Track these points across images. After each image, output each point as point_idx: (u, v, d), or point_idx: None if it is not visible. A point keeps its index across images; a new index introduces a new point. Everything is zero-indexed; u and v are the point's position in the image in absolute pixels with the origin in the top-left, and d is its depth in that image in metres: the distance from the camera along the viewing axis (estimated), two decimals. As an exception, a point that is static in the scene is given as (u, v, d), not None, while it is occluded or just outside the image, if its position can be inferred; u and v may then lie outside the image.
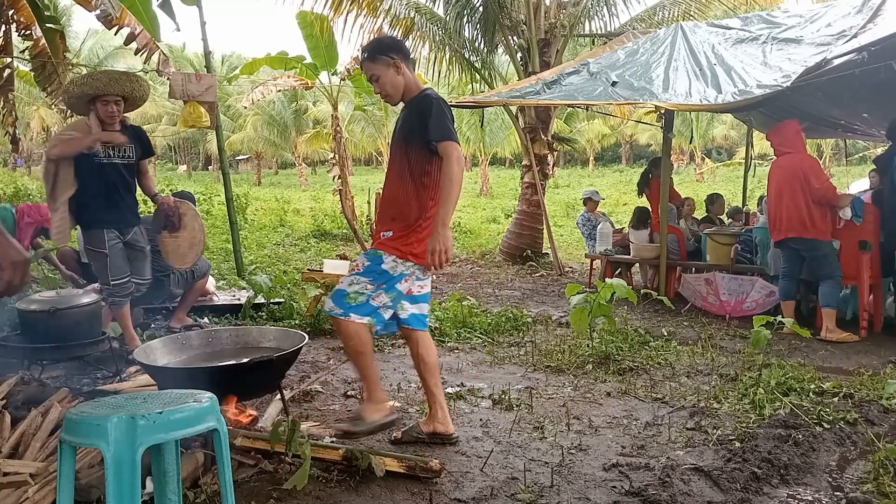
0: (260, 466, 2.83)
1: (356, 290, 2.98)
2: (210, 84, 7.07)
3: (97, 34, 29.00)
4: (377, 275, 3.00)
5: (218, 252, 10.27)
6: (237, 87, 31.88)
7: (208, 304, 6.06)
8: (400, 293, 3.06)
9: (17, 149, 9.01)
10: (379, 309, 3.03)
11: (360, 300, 2.98)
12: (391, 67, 3.03)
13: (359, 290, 2.99)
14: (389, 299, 3.04)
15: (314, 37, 12.28)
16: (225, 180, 8.00)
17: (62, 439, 1.87)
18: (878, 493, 2.66)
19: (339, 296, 2.99)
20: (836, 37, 6.33)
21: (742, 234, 7.05)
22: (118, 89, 4.37)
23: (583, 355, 4.72)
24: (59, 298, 3.95)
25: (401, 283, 3.04)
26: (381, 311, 3.04)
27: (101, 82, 4.36)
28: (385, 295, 3.02)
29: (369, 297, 2.99)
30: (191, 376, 2.85)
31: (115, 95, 4.36)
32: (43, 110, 24.87)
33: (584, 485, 2.76)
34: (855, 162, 27.47)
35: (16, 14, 7.44)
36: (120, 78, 4.46)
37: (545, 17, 10.22)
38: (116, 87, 4.37)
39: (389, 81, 3.05)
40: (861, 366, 4.56)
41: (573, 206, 17.93)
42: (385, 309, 3.05)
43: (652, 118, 10.83)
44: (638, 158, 42.07)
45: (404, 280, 3.05)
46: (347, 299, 2.97)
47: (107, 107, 4.35)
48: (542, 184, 10.19)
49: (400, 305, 3.10)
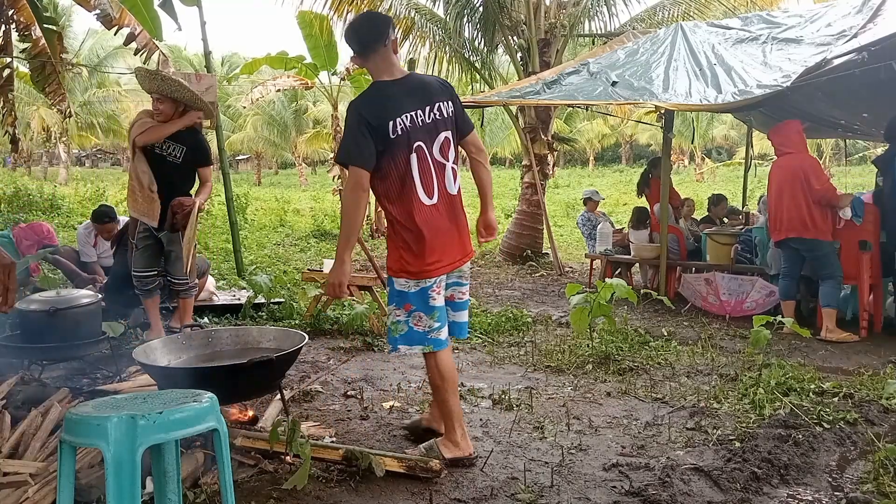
0: (260, 466, 2.84)
1: (393, 321, 2.87)
2: (210, 84, 7.05)
3: (97, 34, 28.96)
4: (398, 297, 2.85)
5: (218, 252, 10.26)
6: (237, 87, 31.86)
7: (208, 304, 6.06)
8: (439, 308, 2.84)
9: (16, 149, 9.01)
10: (429, 334, 2.83)
11: (401, 330, 2.84)
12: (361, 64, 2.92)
13: (395, 319, 2.86)
14: (433, 319, 2.83)
15: (314, 37, 12.28)
16: (225, 180, 7.99)
17: (62, 439, 1.87)
18: (878, 493, 2.66)
19: (388, 332, 2.91)
20: (836, 37, 6.33)
21: (742, 234, 7.05)
22: (148, 86, 4.55)
23: (583, 355, 4.72)
24: (59, 298, 3.94)
25: (431, 298, 2.81)
26: (434, 336, 2.84)
27: (139, 78, 4.61)
28: (426, 317, 2.83)
29: (409, 325, 2.83)
30: (191, 376, 2.85)
31: (156, 93, 4.53)
32: (43, 110, 24.83)
33: (584, 485, 2.76)
34: (855, 162, 27.48)
35: (16, 14, 7.44)
36: (147, 76, 4.60)
37: (545, 17, 10.21)
38: (146, 84, 4.55)
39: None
40: (861, 366, 4.56)
41: (573, 206, 17.92)
42: (437, 331, 2.84)
43: (652, 118, 10.83)
44: (638, 158, 42.05)
45: (433, 293, 2.82)
46: (392, 332, 2.87)
47: (154, 103, 4.57)
48: (542, 184, 10.19)
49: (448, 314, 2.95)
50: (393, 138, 2.72)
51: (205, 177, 4.78)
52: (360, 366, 4.60)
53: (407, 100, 2.77)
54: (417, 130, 2.77)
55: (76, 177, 28.75)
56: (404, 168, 2.75)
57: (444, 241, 2.82)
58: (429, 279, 2.79)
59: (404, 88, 2.81)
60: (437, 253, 2.79)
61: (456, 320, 3.01)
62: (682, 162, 35.59)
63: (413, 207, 2.76)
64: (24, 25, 7.54)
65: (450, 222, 2.84)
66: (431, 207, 2.79)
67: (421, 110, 2.78)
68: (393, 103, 2.75)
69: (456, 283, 2.96)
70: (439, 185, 2.81)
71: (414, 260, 2.78)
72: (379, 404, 3.77)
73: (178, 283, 4.73)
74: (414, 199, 2.76)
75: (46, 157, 34.57)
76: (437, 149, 2.81)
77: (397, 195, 2.77)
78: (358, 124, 2.70)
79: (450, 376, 2.88)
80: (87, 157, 45.65)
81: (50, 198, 15.06)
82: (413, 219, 2.76)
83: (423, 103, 2.80)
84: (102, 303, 4.34)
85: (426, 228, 2.77)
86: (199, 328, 5.22)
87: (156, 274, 4.69)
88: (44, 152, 33.72)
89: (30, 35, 7.63)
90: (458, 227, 2.88)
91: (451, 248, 2.85)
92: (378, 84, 2.81)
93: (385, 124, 2.70)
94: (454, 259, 2.86)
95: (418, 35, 10.92)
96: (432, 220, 2.79)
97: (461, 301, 3.01)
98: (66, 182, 26.09)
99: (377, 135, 2.70)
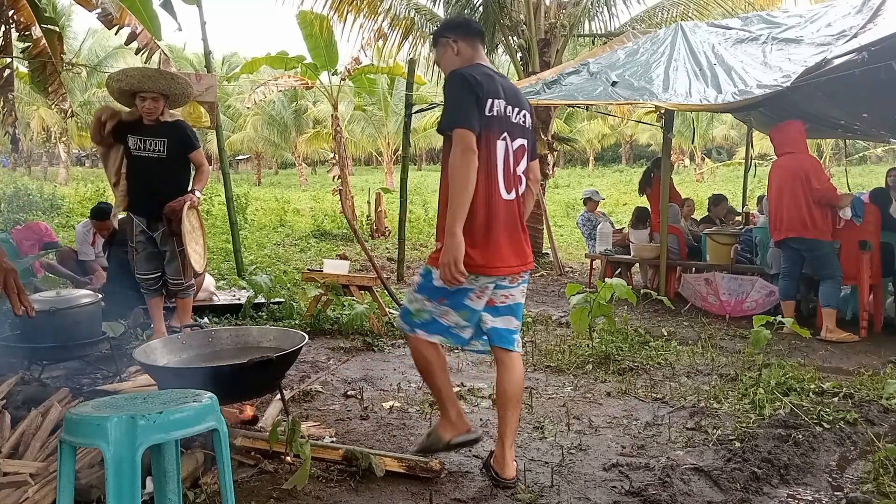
0: (260, 466, 2.84)
1: (417, 308, 2.74)
2: (210, 84, 7.06)
3: (96, 34, 28.99)
4: (432, 291, 2.70)
5: (218, 252, 10.27)
6: (237, 87, 31.89)
7: (208, 304, 6.06)
8: (472, 309, 2.71)
9: (16, 149, 9.03)
10: (452, 329, 2.74)
11: (424, 318, 2.73)
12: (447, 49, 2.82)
13: (419, 307, 2.74)
14: (461, 318, 2.72)
15: (314, 36, 12.29)
16: (225, 180, 7.99)
17: (62, 439, 1.87)
18: (878, 493, 2.67)
19: (404, 313, 2.81)
20: (836, 37, 6.33)
21: (742, 234, 7.06)
22: (152, 85, 4.46)
23: (583, 355, 4.72)
24: (59, 298, 3.94)
25: (469, 298, 2.68)
26: (457, 331, 2.75)
27: (135, 78, 4.45)
28: (455, 313, 2.71)
29: (434, 316, 2.72)
30: (191, 376, 2.85)
31: (151, 92, 4.45)
32: (43, 110, 24.85)
33: (584, 485, 2.76)
34: (855, 162, 27.48)
35: (16, 14, 7.44)
36: (153, 75, 4.54)
37: (545, 17, 10.22)
38: (150, 84, 4.46)
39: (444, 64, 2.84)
40: (861, 366, 4.56)
41: (573, 206, 17.93)
42: (461, 329, 2.74)
43: (652, 118, 10.83)
44: (638, 158, 42.06)
45: (474, 295, 2.68)
46: (412, 316, 2.76)
47: (144, 103, 4.46)
48: (542, 184, 10.19)
49: (481, 319, 2.76)
50: (488, 116, 2.60)
51: (198, 161, 4.72)
52: (360, 366, 4.60)
53: (503, 90, 2.69)
54: (507, 121, 2.68)
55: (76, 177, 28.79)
56: (492, 152, 2.61)
57: (514, 241, 2.70)
58: (482, 276, 2.63)
59: (502, 79, 2.77)
60: (506, 250, 2.66)
61: (496, 326, 2.77)
62: (682, 162, 35.60)
63: (493, 197, 2.62)
64: (24, 25, 7.54)
65: (518, 223, 2.73)
66: (508, 202, 2.67)
67: (512, 106, 2.70)
68: (494, 83, 2.66)
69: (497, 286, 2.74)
70: (515, 183, 2.72)
71: (479, 253, 2.59)
72: (379, 404, 3.77)
73: (175, 282, 4.72)
74: (495, 188, 2.62)
75: (46, 157, 34.57)
76: (512, 150, 2.70)
77: (479, 180, 2.57)
78: (463, 88, 2.57)
79: (434, 357, 2.77)
80: (87, 157, 45.64)
81: (50, 198, 15.08)
82: (491, 208, 2.61)
83: (515, 102, 2.73)
84: (102, 303, 4.35)
85: (499, 222, 2.63)
86: (199, 328, 5.23)
87: (159, 275, 4.69)
88: (44, 152, 33.72)
89: (30, 35, 7.62)
90: (524, 231, 2.79)
91: (516, 251, 2.71)
92: (479, 64, 2.75)
93: (485, 98, 2.59)
94: (514, 263, 2.70)
95: (418, 35, 10.92)
96: (507, 215, 2.66)
97: (503, 306, 2.77)
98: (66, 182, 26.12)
99: (480, 106, 2.58)
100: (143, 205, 4.59)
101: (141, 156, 4.54)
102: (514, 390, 2.77)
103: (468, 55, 2.78)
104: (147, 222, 4.60)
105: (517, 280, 2.78)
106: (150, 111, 4.48)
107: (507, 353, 2.76)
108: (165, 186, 4.56)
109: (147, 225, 4.61)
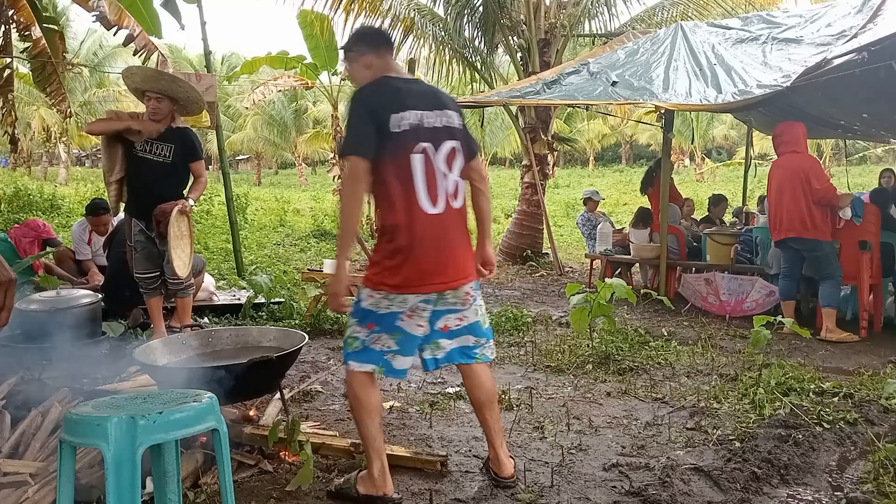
0: (260, 466, 2.84)
1: (349, 335, 2.60)
2: (210, 84, 7.06)
3: (96, 34, 28.98)
4: (362, 315, 2.56)
5: (218, 252, 10.27)
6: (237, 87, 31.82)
7: (208, 304, 6.06)
8: (406, 332, 2.55)
9: (16, 149, 9.02)
10: (385, 355, 2.56)
11: (355, 346, 2.57)
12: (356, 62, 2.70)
13: (350, 333, 2.59)
14: (394, 341, 2.55)
15: (314, 37, 12.27)
16: (225, 180, 7.99)
17: (62, 439, 1.87)
18: (878, 493, 2.67)
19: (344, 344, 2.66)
20: (836, 37, 6.33)
21: (742, 234, 7.05)
22: (152, 86, 4.49)
23: (583, 355, 4.72)
24: (59, 298, 3.95)
25: (401, 319, 2.54)
26: (390, 358, 2.56)
27: (138, 77, 4.51)
28: (388, 337, 2.55)
29: (364, 342, 2.55)
30: (191, 376, 2.85)
31: (154, 92, 4.48)
32: (43, 110, 24.84)
33: (584, 485, 2.76)
34: (855, 162, 27.48)
35: (16, 14, 7.44)
36: (153, 75, 4.58)
37: (545, 17, 10.21)
38: (150, 84, 4.49)
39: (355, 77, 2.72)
40: (861, 366, 4.56)
41: (573, 206, 17.92)
42: (395, 356, 2.56)
43: (652, 118, 10.83)
44: (638, 158, 42.07)
45: (405, 317, 2.54)
46: (347, 345, 2.61)
47: (149, 102, 4.51)
48: (542, 184, 10.19)
49: (434, 345, 2.66)
50: (397, 132, 2.49)
51: (198, 171, 4.76)
52: (360, 366, 4.59)
53: (415, 97, 2.57)
54: (423, 130, 2.54)
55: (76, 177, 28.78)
56: (406, 169, 2.50)
57: (441, 257, 2.53)
58: (409, 295, 2.51)
59: (413, 86, 2.64)
60: (429, 267, 2.51)
61: (454, 347, 2.70)
62: (682, 162, 35.61)
63: (414, 214, 2.49)
64: (24, 25, 7.55)
65: (451, 237, 2.57)
66: (435, 217, 2.52)
67: (429, 111, 2.57)
68: (400, 96, 2.54)
69: (450, 310, 2.64)
70: (443, 194, 2.55)
71: (398, 271, 2.49)
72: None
73: (173, 282, 4.73)
74: (414, 204, 2.49)
75: (46, 157, 34.56)
76: (441, 157, 2.56)
77: (396, 199, 2.49)
78: (360, 112, 2.49)
79: (365, 398, 2.57)
80: (87, 157, 45.61)
81: (50, 198, 15.07)
82: (412, 226, 2.49)
83: (432, 106, 2.59)
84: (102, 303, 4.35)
85: (423, 239, 2.49)
86: (199, 328, 5.24)
87: (158, 274, 4.69)
88: (44, 152, 33.71)
89: (30, 35, 7.63)
90: (459, 245, 2.61)
91: (447, 266, 2.54)
92: (385, 77, 2.61)
93: (388, 116, 2.48)
94: (448, 279, 2.55)
95: (418, 35, 10.91)
96: (435, 229, 2.52)
97: (458, 328, 2.69)
98: (66, 182, 26.11)
99: (380, 126, 2.47)
100: (142, 206, 4.59)
101: (146, 158, 4.56)
102: (486, 395, 2.76)
103: (379, 66, 2.65)
104: (146, 223, 4.61)
105: (469, 301, 2.66)
106: (154, 111, 4.51)
107: (467, 365, 2.74)
108: (166, 190, 4.59)
109: (146, 225, 4.62)
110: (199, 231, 12.71)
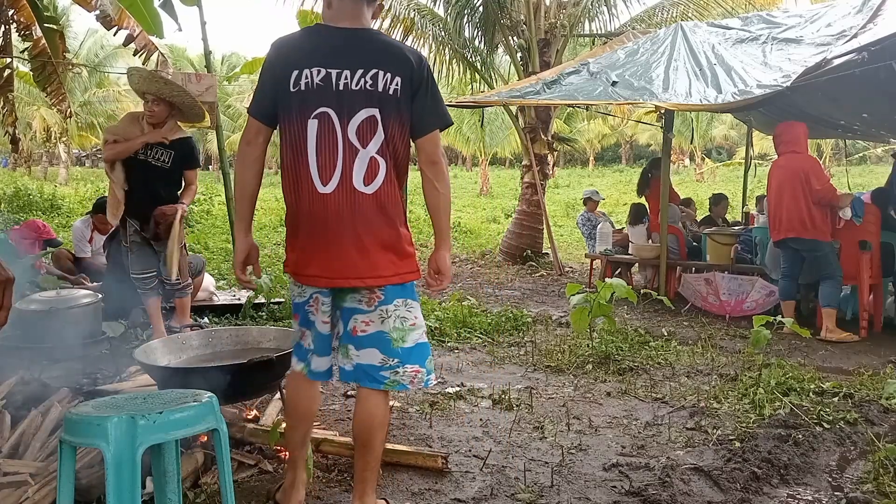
0: (260, 466, 2.84)
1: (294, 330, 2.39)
2: (210, 84, 7.05)
3: (96, 34, 29.00)
4: (293, 304, 2.32)
5: (218, 252, 10.27)
6: (237, 87, 31.87)
7: (208, 304, 6.06)
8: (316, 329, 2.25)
9: (16, 149, 9.02)
10: (308, 354, 2.29)
11: (294, 340, 2.36)
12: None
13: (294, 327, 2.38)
14: (311, 339, 2.28)
15: (314, 36, 12.28)
16: (225, 180, 7.97)
17: (62, 439, 1.87)
18: (878, 493, 2.67)
19: None
20: (836, 37, 6.33)
21: (742, 234, 7.06)
22: (147, 88, 4.52)
23: (583, 355, 4.72)
24: (59, 298, 3.95)
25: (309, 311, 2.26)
26: (311, 358, 2.28)
27: (135, 79, 4.55)
28: (308, 333, 2.29)
29: (295, 337, 2.35)
30: (191, 376, 2.85)
31: (151, 95, 4.50)
32: (43, 110, 24.85)
33: (584, 485, 2.76)
34: (855, 162, 27.47)
35: (16, 14, 7.44)
36: (147, 77, 4.58)
37: (545, 17, 10.22)
38: (145, 86, 4.52)
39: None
40: (861, 366, 4.56)
41: (573, 206, 17.93)
42: (313, 355, 2.27)
43: (652, 118, 10.83)
44: (638, 158, 42.06)
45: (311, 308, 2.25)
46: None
47: (147, 105, 4.55)
48: (542, 184, 10.19)
49: (345, 350, 2.26)
50: (293, 92, 2.14)
51: (190, 179, 4.80)
52: (360, 366, 4.59)
53: (333, 53, 2.15)
54: (328, 94, 2.13)
55: (76, 177, 28.81)
56: (298, 136, 2.15)
57: (327, 246, 2.15)
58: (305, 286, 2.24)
59: (338, 40, 2.17)
60: (313, 255, 2.17)
61: (360, 362, 2.22)
62: (682, 162, 35.62)
63: (301, 190, 2.15)
64: (24, 25, 7.54)
65: (347, 224, 2.14)
66: (324, 197, 2.13)
67: (348, 71, 2.12)
68: (309, 50, 2.16)
69: (356, 310, 2.21)
70: (343, 172, 2.12)
71: (290, 253, 2.24)
72: (379, 404, 3.76)
73: (169, 284, 4.74)
74: (303, 179, 2.15)
75: (46, 157, 34.57)
76: (352, 127, 2.13)
77: (287, 169, 2.18)
78: (264, 66, 2.22)
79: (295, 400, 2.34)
80: (87, 157, 45.62)
81: (50, 198, 15.08)
82: (298, 204, 2.17)
83: (355, 65, 2.13)
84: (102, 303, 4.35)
85: (310, 221, 2.15)
86: (199, 328, 5.24)
87: (154, 274, 4.70)
88: (44, 152, 33.73)
89: (30, 35, 7.62)
90: (366, 236, 2.15)
91: (332, 259, 2.15)
92: (316, 26, 2.27)
93: (290, 72, 2.13)
94: (334, 275, 2.16)
95: (418, 35, 10.92)
96: (321, 213, 2.14)
97: (364, 336, 2.21)
98: (66, 182, 26.13)
99: (278, 84, 2.16)
100: (139, 208, 4.59)
101: (146, 162, 4.57)
102: (364, 430, 2.26)
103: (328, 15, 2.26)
104: (140, 224, 4.62)
105: (373, 302, 2.19)
106: (152, 114, 4.53)
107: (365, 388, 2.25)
108: (164, 193, 4.61)
109: (140, 226, 4.62)
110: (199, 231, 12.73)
